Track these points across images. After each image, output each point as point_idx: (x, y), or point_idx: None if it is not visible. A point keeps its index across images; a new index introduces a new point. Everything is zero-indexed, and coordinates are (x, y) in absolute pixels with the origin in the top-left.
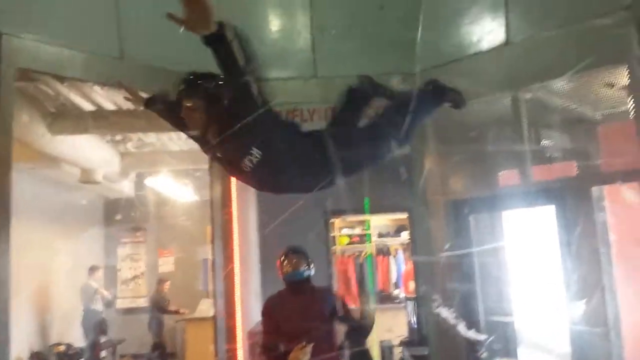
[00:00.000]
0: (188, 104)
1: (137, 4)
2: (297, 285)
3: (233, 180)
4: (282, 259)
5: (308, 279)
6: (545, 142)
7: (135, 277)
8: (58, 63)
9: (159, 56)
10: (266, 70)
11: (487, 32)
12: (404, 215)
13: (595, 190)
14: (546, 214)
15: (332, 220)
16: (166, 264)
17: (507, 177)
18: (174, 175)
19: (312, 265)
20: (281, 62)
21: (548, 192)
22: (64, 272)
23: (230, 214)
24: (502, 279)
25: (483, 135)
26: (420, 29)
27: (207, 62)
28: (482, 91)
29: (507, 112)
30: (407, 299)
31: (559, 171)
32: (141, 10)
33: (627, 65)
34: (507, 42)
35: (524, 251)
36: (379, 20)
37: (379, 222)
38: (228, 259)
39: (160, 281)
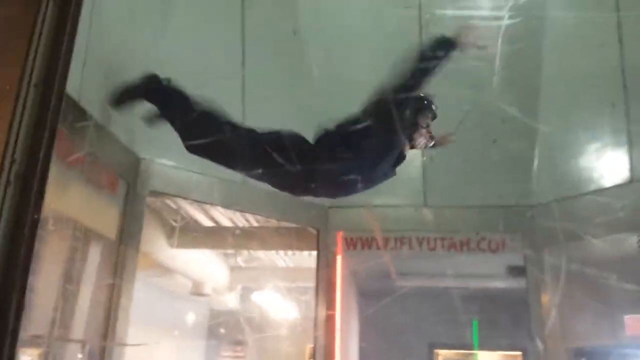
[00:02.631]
0: None
1: None
2: None
3: (338, 302)
4: None
5: None
6: None
7: None
8: (186, 186)
9: None
10: (376, 197)
11: (610, 168)
12: (517, 353)
13: None
14: None
15: (436, 351)
16: None
17: (635, 324)
18: (279, 291)
19: None
20: (391, 190)
21: None
22: None
23: (333, 336)
24: None
25: (606, 275)
26: (535, 162)
27: None
28: (604, 230)
29: (633, 252)
30: None
31: None
32: None
33: None
34: (631, 180)
35: None
36: (492, 153)
37: (489, 358)
38: None
39: None
